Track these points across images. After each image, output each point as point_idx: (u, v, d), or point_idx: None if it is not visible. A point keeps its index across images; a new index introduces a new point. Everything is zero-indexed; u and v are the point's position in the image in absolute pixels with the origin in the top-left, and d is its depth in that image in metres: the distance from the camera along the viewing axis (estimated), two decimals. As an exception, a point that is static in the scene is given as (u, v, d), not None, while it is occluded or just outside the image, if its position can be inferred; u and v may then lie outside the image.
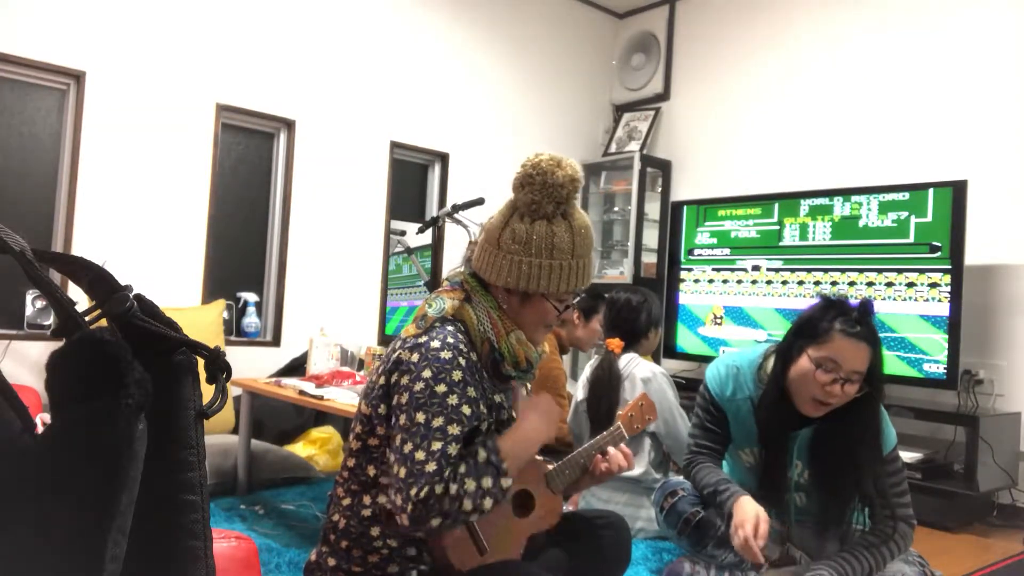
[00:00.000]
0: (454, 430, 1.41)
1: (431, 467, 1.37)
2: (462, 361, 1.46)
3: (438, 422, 1.40)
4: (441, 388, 1.42)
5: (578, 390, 3.11)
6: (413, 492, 1.35)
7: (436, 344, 1.46)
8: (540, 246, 1.51)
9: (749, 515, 1.89)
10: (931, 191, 3.77)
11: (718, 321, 4.58)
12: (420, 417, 1.40)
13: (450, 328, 1.51)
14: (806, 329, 1.95)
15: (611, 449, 1.71)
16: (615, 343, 2.99)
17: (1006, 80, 3.92)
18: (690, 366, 4.80)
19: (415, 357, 1.46)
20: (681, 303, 4.77)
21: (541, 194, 1.50)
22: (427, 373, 1.43)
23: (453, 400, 1.42)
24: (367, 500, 1.51)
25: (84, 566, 0.61)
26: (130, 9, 3.71)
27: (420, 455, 1.38)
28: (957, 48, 4.10)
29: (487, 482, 1.40)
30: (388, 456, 1.46)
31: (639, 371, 2.92)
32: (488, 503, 1.40)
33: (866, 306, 1.91)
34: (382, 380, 1.50)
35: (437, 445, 1.38)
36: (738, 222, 4.54)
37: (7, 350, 3.33)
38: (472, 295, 1.57)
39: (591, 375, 3.01)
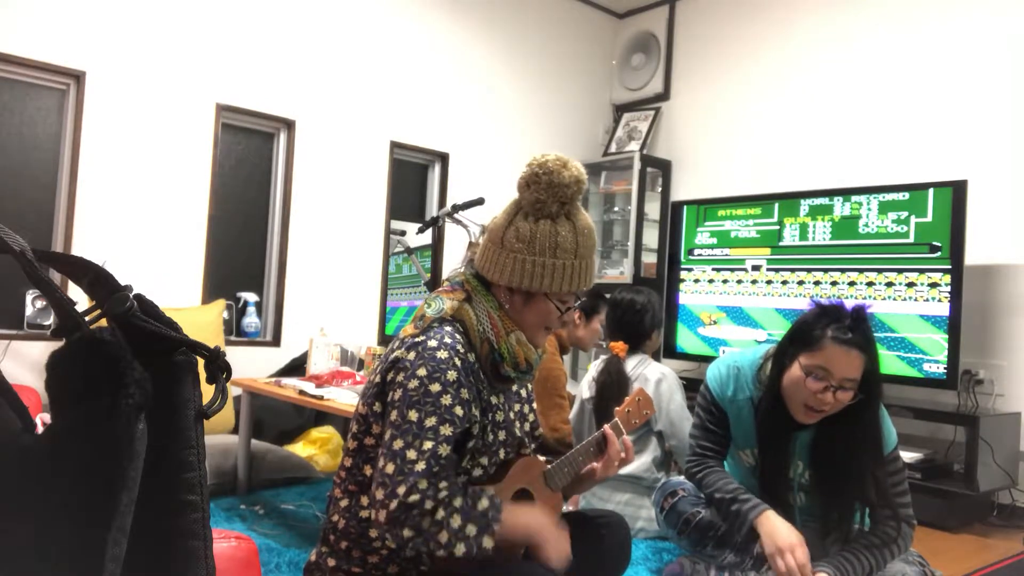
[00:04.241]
0: (446, 431, 1.40)
1: (421, 467, 1.36)
2: (458, 362, 1.46)
3: (431, 422, 1.40)
4: (435, 387, 1.42)
5: (583, 389, 3.11)
6: (401, 491, 1.35)
7: (433, 343, 1.46)
8: (544, 245, 1.51)
9: (794, 540, 1.87)
10: (931, 191, 3.77)
11: (714, 322, 4.58)
12: (412, 415, 1.40)
13: (448, 328, 1.51)
14: (799, 336, 1.94)
15: (611, 438, 1.70)
16: (619, 346, 2.99)
17: (1006, 80, 3.92)
18: (690, 366, 4.80)
19: (411, 355, 1.46)
20: (681, 303, 4.77)
21: (546, 193, 1.50)
22: (422, 371, 1.43)
23: (447, 400, 1.42)
24: (364, 501, 1.51)
25: (84, 566, 0.61)
26: (130, 9, 3.71)
27: (411, 454, 1.37)
28: (957, 48, 4.10)
29: (471, 530, 1.37)
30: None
31: (650, 372, 2.93)
32: (460, 549, 1.36)
33: (860, 312, 1.89)
34: (378, 379, 1.51)
35: (428, 445, 1.38)
36: (738, 222, 4.54)
37: (7, 350, 3.33)
38: (473, 295, 1.57)
39: (598, 378, 3.01)
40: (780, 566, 1.85)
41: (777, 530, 1.90)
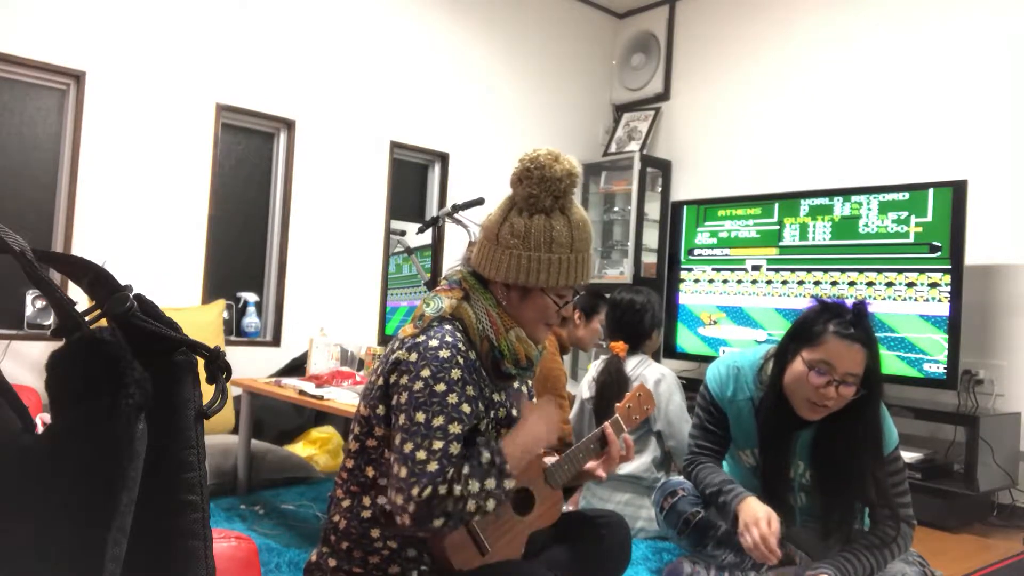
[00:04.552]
0: (455, 429, 1.41)
1: (433, 467, 1.37)
2: (460, 360, 1.46)
3: (439, 421, 1.40)
4: (440, 387, 1.42)
5: (583, 389, 3.11)
6: (415, 492, 1.35)
7: (434, 343, 1.46)
8: (539, 240, 1.51)
9: (760, 514, 1.89)
10: (931, 191, 3.77)
11: (714, 322, 4.58)
12: (420, 416, 1.40)
13: (448, 327, 1.51)
14: (801, 332, 1.95)
15: (611, 437, 1.70)
16: (619, 346, 2.99)
17: (1006, 80, 3.92)
18: (690, 366, 4.80)
19: (413, 356, 1.46)
20: (681, 303, 4.77)
21: (539, 188, 1.50)
22: (426, 372, 1.43)
23: (453, 399, 1.42)
24: (367, 501, 1.51)
25: (84, 566, 0.61)
26: (130, 9, 3.71)
27: (421, 455, 1.38)
28: (957, 48, 4.10)
29: (490, 483, 1.40)
30: (387, 456, 1.46)
31: (650, 372, 2.93)
32: (491, 504, 1.41)
33: (860, 308, 1.90)
34: (380, 381, 1.50)
35: (438, 444, 1.38)
36: (738, 222, 4.54)
37: (7, 350, 3.33)
38: (471, 293, 1.57)
39: (598, 377, 3.01)
40: (747, 541, 1.87)
41: (747, 510, 1.92)
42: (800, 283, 4.23)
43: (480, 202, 3.20)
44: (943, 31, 4.16)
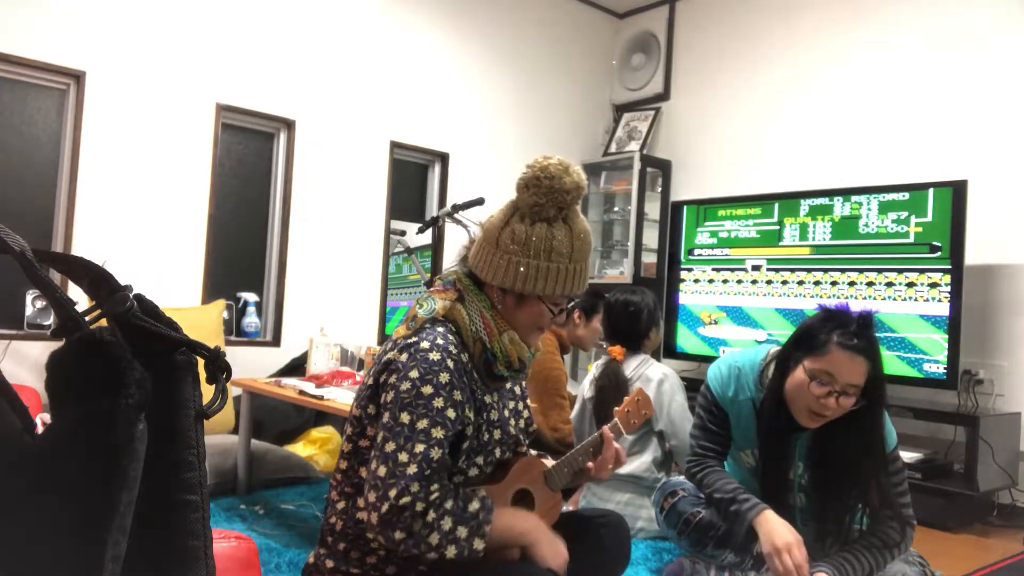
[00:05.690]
0: (438, 433, 1.40)
1: (412, 469, 1.36)
2: (451, 363, 1.46)
3: (422, 424, 1.40)
4: (427, 389, 1.42)
5: (584, 388, 3.10)
6: (392, 493, 1.34)
7: (425, 345, 1.46)
8: (539, 248, 1.51)
9: (791, 539, 1.86)
10: (931, 191, 3.77)
11: (714, 322, 4.58)
12: (404, 417, 1.40)
13: (440, 329, 1.50)
14: (804, 340, 1.94)
15: (607, 441, 1.70)
16: (616, 350, 2.99)
17: (1006, 80, 3.92)
18: (690, 366, 4.80)
19: (404, 357, 1.46)
20: (681, 303, 4.77)
21: (546, 197, 1.49)
22: (414, 373, 1.43)
23: (439, 403, 1.42)
24: (361, 503, 1.50)
25: (84, 566, 0.61)
26: (130, 9, 3.71)
27: (403, 456, 1.37)
28: (957, 48, 4.10)
29: (462, 532, 1.37)
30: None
31: (652, 372, 2.93)
32: (451, 551, 1.36)
33: (866, 318, 1.88)
34: (371, 381, 1.50)
35: (420, 448, 1.38)
36: (738, 222, 4.54)
37: (7, 350, 3.33)
38: (465, 294, 1.57)
39: (597, 380, 3.00)
40: (778, 566, 1.85)
41: (775, 530, 1.90)
42: (800, 283, 4.24)
43: (480, 202, 3.20)
44: (943, 31, 4.16)
